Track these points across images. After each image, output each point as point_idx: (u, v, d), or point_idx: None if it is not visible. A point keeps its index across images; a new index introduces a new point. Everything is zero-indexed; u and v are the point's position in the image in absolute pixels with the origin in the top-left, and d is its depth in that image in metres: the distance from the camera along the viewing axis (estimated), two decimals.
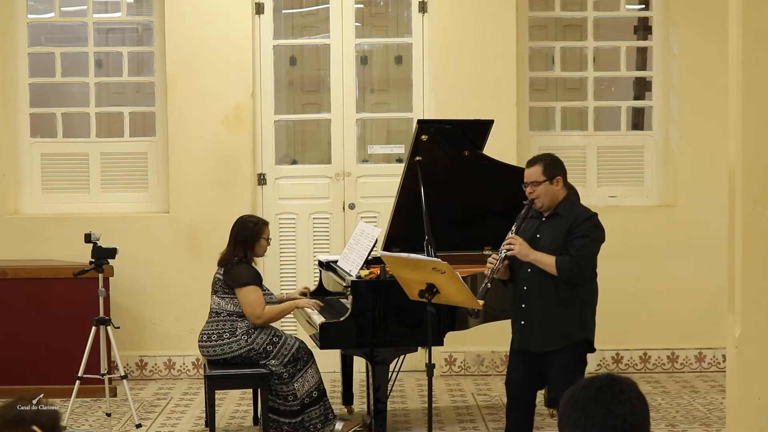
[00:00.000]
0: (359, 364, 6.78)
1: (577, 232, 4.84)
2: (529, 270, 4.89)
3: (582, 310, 4.93)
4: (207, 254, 6.39)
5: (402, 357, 5.76)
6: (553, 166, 4.95)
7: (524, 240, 4.87)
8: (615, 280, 7.33)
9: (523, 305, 4.94)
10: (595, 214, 4.95)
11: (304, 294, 6.18)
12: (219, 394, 6.45)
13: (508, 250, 4.85)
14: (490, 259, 4.94)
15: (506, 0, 7.48)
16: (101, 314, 6.25)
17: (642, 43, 8.09)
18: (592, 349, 4.99)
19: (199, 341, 5.92)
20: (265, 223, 6.05)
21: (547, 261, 4.81)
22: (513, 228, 4.93)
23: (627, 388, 2.24)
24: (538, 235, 4.92)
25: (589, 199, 7.34)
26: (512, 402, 5.07)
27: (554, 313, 4.85)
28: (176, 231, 7.55)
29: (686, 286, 7.56)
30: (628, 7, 8.02)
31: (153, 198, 7.75)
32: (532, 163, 5.00)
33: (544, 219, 4.96)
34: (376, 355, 5.49)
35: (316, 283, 6.57)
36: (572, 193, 5.96)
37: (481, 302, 4.86)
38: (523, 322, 4.95)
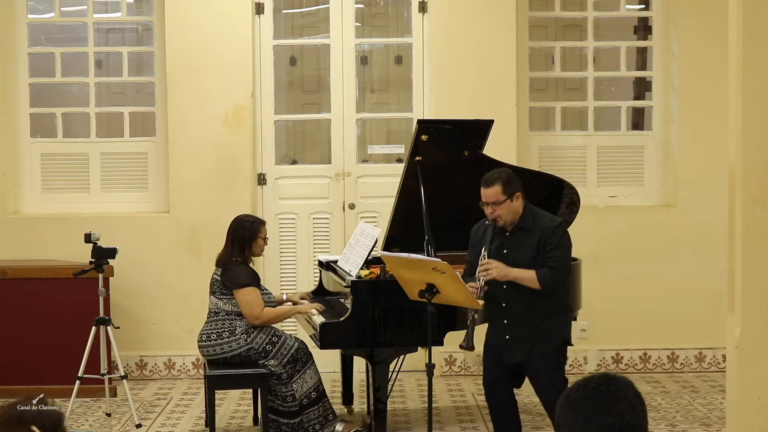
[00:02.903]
0: (359, 364, 6.77)
1: (552, 243, 4.91)
2: (504, 286, 4.95)
3: (561, 314, 5.07)
4: (207, 254, 6.37)
5: (402, 357, 5.76)
6: (511, 184, 4.97)
7: (493, 258, 4.92)
8: (615, 280, 7.35)
9: (505, 321, 5.02)
10: (561, 221, 5.06)
11: (304, 299, 6.16)
12: (219, 394, 6.45)
13: (486, 276, 4.87)
14: (468, 288, 4.90)
15: (506, 0, 7.48)
16: (101, 314, 6.25)
17: (642, 43, 8.09)
18: (570, 344, 5.13)
19: (198, 341, 5.92)
20: (262, 223, 6.06)
21: (528, 276, 4.89)
22: (484, 253, 4.95)
23: (624, 387, 2.24)
24: (504, 251, 4.97)
25: (589, 199, 7.35)
26: (492, 402, 5.19)
27: (537, 324, 4.96)
28: (176, 231, 7.55)
29: (686, 286, 7.56)
30: (628, 7, 8.01)
31: (153, 198, 7.74)
32: (489, 183, 4.98)
33: (507, 234, 5.02)
34: (376, 355, 5.48)
35: (316, 283, 6.57)
36: (572, 192, 6.01)
37: (481, 302, 4.89)
38: (507, 337, 5.03)
